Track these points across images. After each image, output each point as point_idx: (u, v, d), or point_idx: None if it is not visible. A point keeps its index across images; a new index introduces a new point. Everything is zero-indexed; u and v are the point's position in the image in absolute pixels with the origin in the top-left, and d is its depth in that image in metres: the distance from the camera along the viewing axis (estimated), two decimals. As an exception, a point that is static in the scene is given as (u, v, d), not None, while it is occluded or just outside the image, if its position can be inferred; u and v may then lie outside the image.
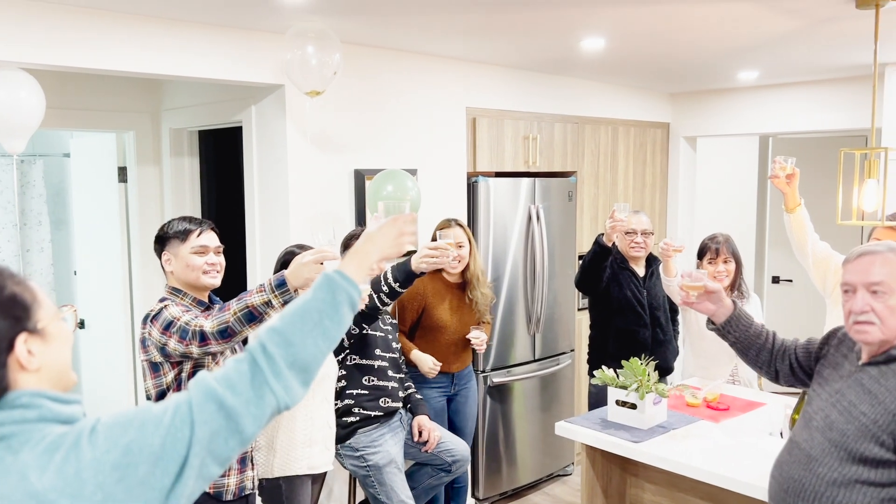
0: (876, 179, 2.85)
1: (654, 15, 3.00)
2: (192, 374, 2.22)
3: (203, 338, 2.08)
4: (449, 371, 3.49)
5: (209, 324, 2.08)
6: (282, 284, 2.07)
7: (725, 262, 3.32)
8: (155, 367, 2.24)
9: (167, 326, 2.15)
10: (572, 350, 4.65)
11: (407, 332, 3.47)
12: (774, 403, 3.05)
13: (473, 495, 4.13)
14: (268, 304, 2.06)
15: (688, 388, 3.22)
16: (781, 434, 2.76)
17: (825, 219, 3.70)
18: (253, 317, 2.06)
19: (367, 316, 3.00)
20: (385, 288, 2.90)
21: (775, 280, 6.16)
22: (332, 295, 1.26)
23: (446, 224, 3.41)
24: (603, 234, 3.37)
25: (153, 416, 1.10)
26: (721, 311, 2.21)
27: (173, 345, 2.13)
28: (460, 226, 3.43)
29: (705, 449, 2.57)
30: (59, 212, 4.93)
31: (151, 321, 2.20)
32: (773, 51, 3.81)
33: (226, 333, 2.07)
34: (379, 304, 2.93)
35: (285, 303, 2.07)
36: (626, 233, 3.56)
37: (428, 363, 3.36)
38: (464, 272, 3.47)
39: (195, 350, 2.11)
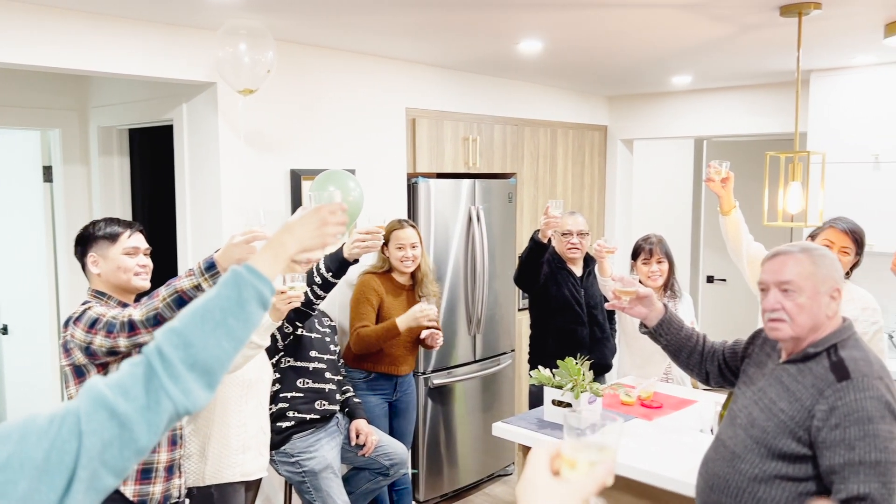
0: (800, 182, 2.94)
1: (588, 19, 3.03)
2: None
3: (132, 327, 2.02)
4: (397, 374, 3.47)
5: (138, 312, 2.03)
6: (211, 267, 2.02)
7: (659, 262, 3.40)
8: (79, 372, 2.15)
9: (92, 325, 2.08)
10: (513, 350, 4.68)
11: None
12: (705, 401, 3.12)
13: (414, 498, 4.11)
14: (197, 287, 2.01)
15: (622, 386, 3.27)
16: (712, 430, 2.82)
17: (755, 220, 3.81)
18: (183, 301, 2.01)
19: (302, 313, 2.95)
20: (318, 279, 2.85)
21: (710, 279, 6.32)
22: (237, 291, 1.17)
23: (398, 226, 3.38)
24: (539, 231, 3.41)
25: (37, 427, 1.01)
26: (653, 315, 2.25)
27: (99, 341, 2.06)
28: (412, 226, 3.42)
29: (639, 447, 2.61)
30: (-20, 212, 4.71)
31: (74, 323, 2.13)
32: (704, 56, 3.91)
33: (155, 320, 2.01)
34: (313, 298, 2.88)
35: None
36: (563, 234, 3.60)
37: (422, 312, 3.17)
38: (415, 272, 3.47)
39: (122, 342, 2.04)
